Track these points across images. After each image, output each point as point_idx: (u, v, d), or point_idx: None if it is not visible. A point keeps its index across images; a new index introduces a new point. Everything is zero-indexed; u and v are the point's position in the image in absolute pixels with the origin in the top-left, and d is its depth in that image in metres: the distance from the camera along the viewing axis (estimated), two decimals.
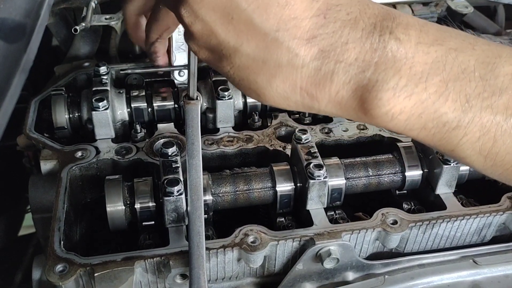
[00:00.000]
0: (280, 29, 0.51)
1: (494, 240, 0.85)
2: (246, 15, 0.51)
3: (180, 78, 1.04)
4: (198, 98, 0.78)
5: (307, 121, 1.01)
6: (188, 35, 0.57)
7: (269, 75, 0.53)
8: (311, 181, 0.78)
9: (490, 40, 0.54)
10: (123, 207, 0.79)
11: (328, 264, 0.75)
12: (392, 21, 0.51)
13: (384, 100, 0.50)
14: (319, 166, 0.79)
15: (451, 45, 0.51)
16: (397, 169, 0.86)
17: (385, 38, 0.50)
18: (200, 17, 0.53)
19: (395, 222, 0.77)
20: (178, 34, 0.97)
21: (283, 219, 0.84)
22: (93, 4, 1.09)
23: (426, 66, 0.50)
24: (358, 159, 0.86)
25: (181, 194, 0.75)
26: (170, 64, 1.01)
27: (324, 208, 0.81)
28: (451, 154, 0.53)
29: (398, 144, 0.88)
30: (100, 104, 0.91)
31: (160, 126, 0.96)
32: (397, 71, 0.50)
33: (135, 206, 0.79)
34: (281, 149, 0.92)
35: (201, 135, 0.76)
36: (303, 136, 0.85)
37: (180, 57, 1.00)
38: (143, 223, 0.81)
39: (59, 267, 0.69)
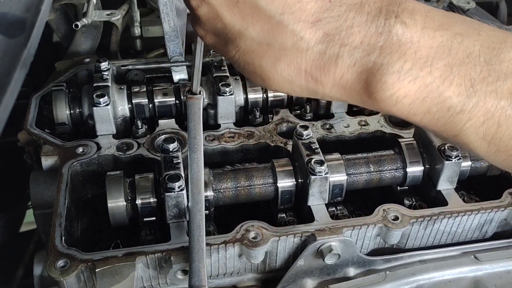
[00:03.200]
0: (285, 12, 0.51)
1: (495, 236, 0.85)
2: None
3: (176, 75, 1.03)
4: (201, 93, 0.78)
5: (309, 117, 1.01)
6: (195, 19, 0.57)
7: (274, 58, 0.53)
8: (312, 177, 0.78)
9: (495, 26, 0.54)
10: (124, 203, 0.79)
11: (329, 260, 0.75)
12: (398, 6, 0.51)
13: (388, 83, 0.50)
14: (320, 162, 0.79)
15: (457, 30, 0.51)
16: (398, 165, 0.86)
17: (391, 22, 0.50)
18: (206, 0, 0.53)
19: (396, 218, 0.77)
20: (169, 26, 0.97)
21: (284, 215, 0.84)
22: (94, 0, 1.09)
23: (431, 50, 0.50)
24: (359, 155, 0.86)
25: (182, 189, 0.75)
26: (167, 55, 1.01)
27: (325, 204, 0.81)
28: (454, 140, 0.52)
29: (399, 140, 0.88)
30: (101, 100, 0.91)
31: (161, 122, 0.96)
32: (402, 54, 0.50)
33: (136, 202, 0.79)
34: (282, 145, 0.92)
35: (203, 130, 0.76)
36: (305, 132, 0.85)
37: (173, 47, 1.00)
38: (144, 219, 0.81)
39: (60, 263, 0.69)
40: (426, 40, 0.50)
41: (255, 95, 1.01)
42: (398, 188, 0.89)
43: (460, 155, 0.81)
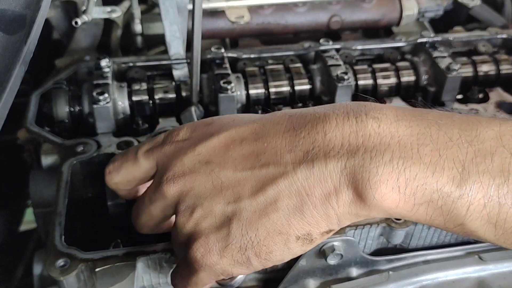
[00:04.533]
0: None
1: None
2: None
3: (177, 73, 1.02)
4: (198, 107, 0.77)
5: None
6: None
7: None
8: None
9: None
10: (125, 202, 0.78)
11: (332, 260, 0.75)
12: (364, 106, 0.52)
13: (384, 176, 0.48)
14: None
15: (430, 118, 0.51)
16: None
17: (363, 119, 0.51)
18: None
19: (399, 218, 0.77)
20: (170, 23, 0.96)
21: None
22: None
23: (412, 138, 0.49)
24: None
25: None
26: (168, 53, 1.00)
27: None
28: (462, 230, 0.51)
29: None
30: (101, 97, 0.90)
31: (162, 119, 0.96)
32: (386, 146, 0.49)
33: None
34: None
35: None
36: None
37: (174, 44, 0.99)
38: None
39: (60, 262, 0.69)
40: (404, 130, 0.50)
41: (257, 91, 1.01)
42: None
43: None
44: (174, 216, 0.61)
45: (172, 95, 0.99)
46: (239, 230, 0.54)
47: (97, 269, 0.69)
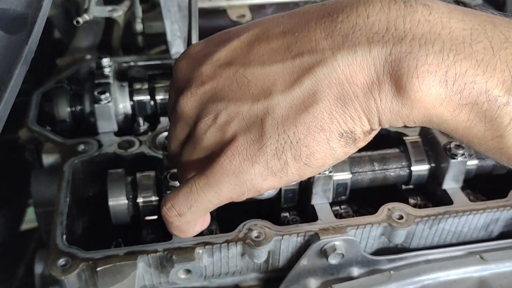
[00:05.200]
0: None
1: (501, 236, 0.84)
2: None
3: None
4: None
5: None
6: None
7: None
8: (316, 175, 0.77)
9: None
10: (126, 201, 0.78)
11: (333, 260, 0.75)
12: None
13: (434, 66, 0.43)
14: None
15: (484, 17, 0.46)
16: (404, 163, 0.85)
17: (412, 4, 0.45)
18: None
19: (401, 217, 0.77)
20: (171, 23, 0.96)
21: (287, 214, 0.83)
22: None
23: (465, 32, 0.44)
24: (363, 153, 0.85)
25: None
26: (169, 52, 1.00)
27: (329, 203, 0.80)
28: (498, 144, 0.45)
29: (404, 138, 0.87)
30: (103, 97, 0.90)
31: (163, 119, 0.95)
32: (436, 35, 0.44)
33: (138, 200, 0.79)
34: None
35: None
36: None
37: (175, 43, 0.99)
38: (146, 218, 0.80)
39: (61, 261, 0.69)
40: (456, 22, 0.44)
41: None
42: (403, 187, 0.89)
43: (466, 153, 0.81)
44: (208, 215, 0.54)
45: None
46: (274, 129, 0.47)
47: (98, 268, 0.69)
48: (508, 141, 0.45)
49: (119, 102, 0.95)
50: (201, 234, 0.77)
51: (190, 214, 0.53)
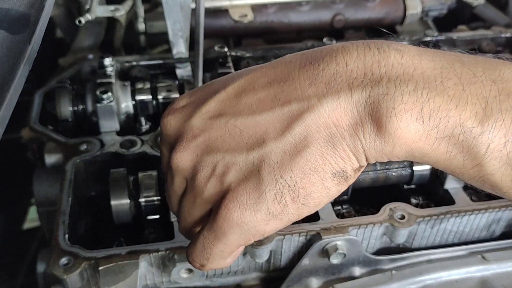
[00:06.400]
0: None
1: (503, 236, 0.84)
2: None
3: (180, 72, 1.02)
4: None
5: None
6: None
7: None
8: None
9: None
10: (128, 201, 0.78)
11: (335, 259, 0.75)
12: (384, 41, 0.50)
13: (410, 104, 0.46)
14: None
15: (453, 55, 0.49)
16: (405, 163, 0.85)
17: (385, 50, 0.49)
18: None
19: (403, 217, 0.77)
20: (173, 22, 0.96)
21: None
22: None
23: (436, 71, 0.47)
24: None
25: None
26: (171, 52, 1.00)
27: (331, 203, 0.80)
28: (479, 173, 0.48)
29: None
30: (105, 96, 0.90)
31: None
32: (409, 76, 0.47)
33: (140, 200, 0.79)
34: None
35: None
36: None
37: (177, 43, 0.99)
38: (148, 217, 0.80)
39: (63, 260, 0.69)
40: (427, 63, 0.48)
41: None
42: (405, 186, 0.89)
43: None
44: (238, 249, 0.56)
45: (175, 94, 0.99)
46: (271, 175, 0.50)
47: (100, 268, 0.69)
48: (487, 169, 0.47)
49: (121, 102, 0.95)
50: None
51: (210, 263, 0.56)
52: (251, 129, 0.51)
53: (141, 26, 1.22)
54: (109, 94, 0.90)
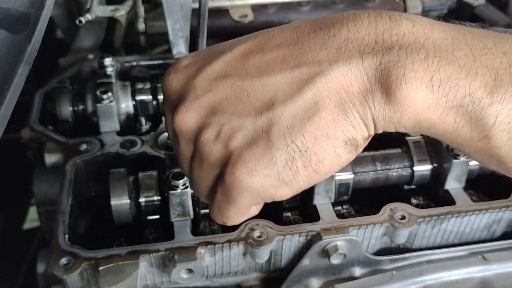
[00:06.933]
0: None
1: (504, 236, 0.84)
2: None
3: None
4: None
5: None
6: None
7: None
8: None
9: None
10: (128, 201, 0.78)
11: (335, 260, 0.75)
12: (396, 12, 0.50)
13: (420, 72, 0.46)
14: None
15: (464, 28, 0.49)
16: (406, 163, 0.85)
17: (396, 18, 0.48)
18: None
19: (403, 217, 0.76)
20: (173, 22, 0.96)
21: (289, 213, 0.83)
22: None
23: (447, 41, 0.47)
24: (366, 153, 0.85)
25: (186, 187, 0.74)
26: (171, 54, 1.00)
27: (332, 203, 0.80)
28: (486, 145, 0.47)
29: (406, 138, 0.87)
30: (105, 96, 0.90)
31: None
32: (421, 45, 0.47)
33: (140, 200, 0.79)
34: None
35: None
36: None
37: (177, 43, 0.99)
38: (148, 217, 0.80)
39: (63, 260, 0.69)
40: (438, 33, 0.48)
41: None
42: (405, 187, 0.89)
43: None
44: (254, 207, 0.55)
45: None
46: (282, 139, 0.48)
47: (100, 268, 0.69)
48: (494, 141, 0.47)
49: (121, 102, 0.95)
50: (203, 233, 0.77)
51: (231, 222, 0.56)
52: (259, 91, 0.49)
53: (141, 26, 1.22)
54: (109, 94, 0.90)
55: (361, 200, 0.87)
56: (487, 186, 0.89)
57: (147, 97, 0.97)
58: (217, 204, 0.54)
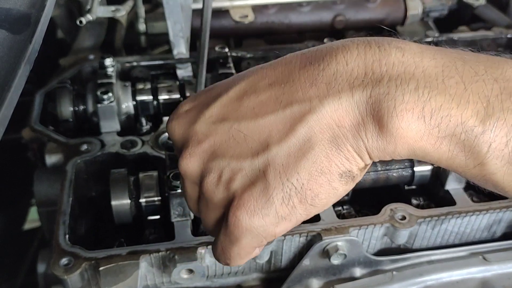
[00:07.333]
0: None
1: (504, 237, 0.84)
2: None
3: (181, 72, 1.02)
4: None
5: None
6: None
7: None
8: None
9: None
10: (128, 201, 0.78)
11: (335, 260, 0.75)
12: (385, 38, 0.50)
13: (411, 103, 0.46)
14: None
15: (455, 53, 0.49)
16: (406, 164, 0.85)
17: (385, 48, 0.48)
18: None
19: (403, 218, 0.76)
20: (173, 23, 0.96)
21: None
22: None
23: (437, 69, 0.47)
24: None
25: None
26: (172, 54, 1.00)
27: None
28: (481, 172, 0.48)
29: None
30: (105, 96, 0.90)
31: (166, 119, 0.96)
32: (410, 75, 0.47)
33: (140, 200, 0.79)
34: None
35: None
36: None
37: (178, 43, 0.99)
38: (148, 217, 0.80)
39: (64, 261, 0.69)
40: (428, 61, 0.48)
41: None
42: (406, 187, 0.89)
43: None
44: (257, 249, 0.56)
45: (176, 95, 0.99)
46: (278, 179, 0.50)
47: (100, 268, 0.69)
48: (489, 168, 0.47)
49: (122, 102, 0.95)
50: (203, 234, 0.77)
51: (233, 262, 0.57)
52: (254, 133, 0.51)
53: (141, 27, 1.22)
54: (110, 94, 0.90)
55: (361, 200, 0.87)
56: None
57: (148, 98, 0.98)
58: (220, 245, 0.55)
